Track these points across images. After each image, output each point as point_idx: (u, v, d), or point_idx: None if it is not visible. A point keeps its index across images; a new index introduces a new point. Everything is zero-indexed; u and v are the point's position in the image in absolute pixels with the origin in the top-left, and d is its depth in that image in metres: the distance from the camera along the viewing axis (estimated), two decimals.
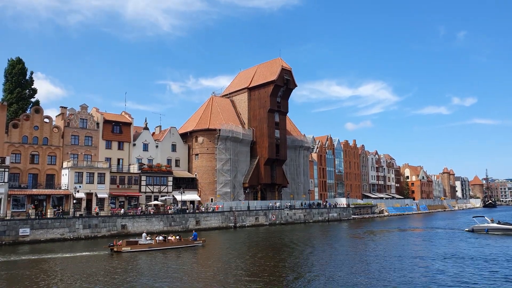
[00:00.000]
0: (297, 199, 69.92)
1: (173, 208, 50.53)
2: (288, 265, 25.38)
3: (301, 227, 55.59)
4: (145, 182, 53.01)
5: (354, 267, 24.31)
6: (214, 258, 28.28)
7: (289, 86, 66.28)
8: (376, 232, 48.14)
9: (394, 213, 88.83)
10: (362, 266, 24.85)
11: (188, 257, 28.62)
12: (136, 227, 43.68)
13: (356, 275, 21.96)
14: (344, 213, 71.69)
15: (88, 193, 46.64)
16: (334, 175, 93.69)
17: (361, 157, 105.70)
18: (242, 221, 54.34)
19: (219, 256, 28.83)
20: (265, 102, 65.17)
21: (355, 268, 23.96)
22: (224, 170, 60.32)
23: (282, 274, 22.21)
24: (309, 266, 24.85)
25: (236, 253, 29.94)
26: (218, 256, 29.07)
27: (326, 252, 31.02)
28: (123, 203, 50.48)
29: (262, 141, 64.72)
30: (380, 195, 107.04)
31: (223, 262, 26.21)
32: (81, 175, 46.58)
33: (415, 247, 34.13)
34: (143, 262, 26.21)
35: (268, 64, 68.96)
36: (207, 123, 62.55)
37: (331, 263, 25.72)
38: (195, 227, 48.34)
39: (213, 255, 29.72)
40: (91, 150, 51.76)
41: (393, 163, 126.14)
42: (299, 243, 36.61)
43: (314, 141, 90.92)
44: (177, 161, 61.28)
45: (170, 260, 27.02)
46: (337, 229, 54.49)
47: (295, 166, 72.61)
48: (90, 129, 51.98)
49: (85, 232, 40.02)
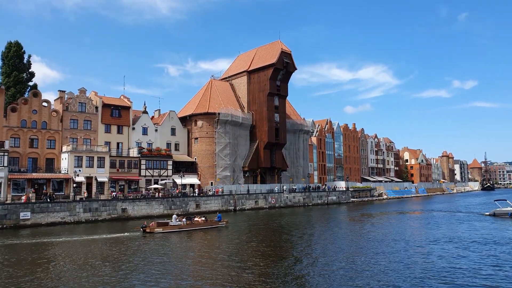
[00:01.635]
0: (297, 182, 70.18)
1: (171, 191, 50.71)
2: (298, 249, 25.49)
3: (300, 210, 55.96)
4: (144, 166, 53.09)
5: (353, 251, 24.37)
6: (239, 238, 29.88)
7: (288, 69, 65.67)
8: (375, 215, 48.39)
9: (393, 196, 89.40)
10: (361, 249, 24.92)
11: (216, 237, 30.17)
12: (137, 211, 43.96)
13: (356, 259, 21.98)
14: (343, 196, 72.10)
15: (88, 177, 46.70)
16: (333, 158, 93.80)
17: (360, 141, 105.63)
18: (242, 205, 54.66)
19: (243, 237, 30.53)
20: (264, 86, 64.68)
21: (354, 253, 24.00)
22: (223, 154, 60.33)
23: (287, 256, 22.36)
24: (307, 251, 24.88)
25: (253, 234, 31.08)
26: (242, 236, 30.76)
27: (324, 235, 31.15)
28: (123, 187, 50.67)
29: (262, 125, 64.52)
30: (379, 178, 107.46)
31: (247, 243, 27.65)
32: (81, 159, 46.55)
33: (429, 230, 34.06)
34: (178, 242, 27.88)
35: (268, 47, 68.15)
36: (206, 106, 62.22)
37: (330, 248, 25.77)
38: (195, 210, 48.61)
39: (237, 235, 31.16)
40: (90, 134, 51.60)
41: (392, 147, 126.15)
42: (299, 226, 36.83)
43: (314, 125, 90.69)
44: (177, 145, 61.25)
45: (204, 240, 28.62)
46: (336, 212, 54.82)
47: (294, 150, 72.61)
48: (89, 113, 51.69)
49: (85, 216, 40.26)
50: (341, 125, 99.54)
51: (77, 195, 43.87)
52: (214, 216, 38.02)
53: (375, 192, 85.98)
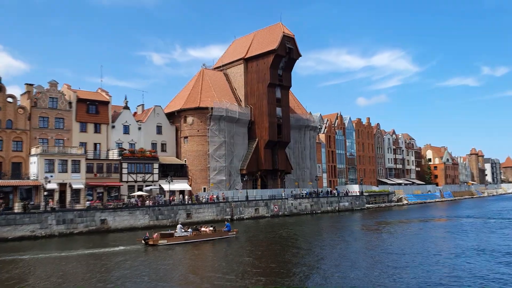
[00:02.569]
0: (303, 186, 70.34)
1: (157, 199, 50.73)
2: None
3: (307, 219, 56.08)
4: (126, 170, 53.08)
5: (368, 267, 24.41)
6: (253, 251, 30.38)
7: (292, 56, 65.70)
8: (394, 224, 48.57)
9: (414, 201, 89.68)
10: (377, 265, 24.97)
11: (227, 249, 30.89)
12: (118, 222, 44.04)
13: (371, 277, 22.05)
14: (356, 202, 72.35)
15: (61, 184, 46.70)
16: (345, 158, 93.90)
17: (375, 138, 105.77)
18: (240, 213, 54.78)
19: (256, 249, 31.16)
20: (264, 75, 64.76)
21: (369, 269, 24.05)
22: (218, 155, 60.38)
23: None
24: (316, 267, 24.98)
25: (265, 245, 31.86)
26: (255, 249, 31.41)
27: (336, 248, 31.23)
28: (101, 195, 50.64)
29: (262, 121, 64.61)
30: (398, 180, 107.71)
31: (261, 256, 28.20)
32: (53, 163, 46.52)
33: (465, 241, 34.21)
34: (188, 256, 29.01)
35: (268, 30, 68.20)
36: (197, 100, 62.25)
37: (342, 262, 25.82)
38: (186, 220, 48.67)
39: (250, 247, 31.76)
40: (63, 133, 51.55)
41: (413, 144, 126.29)
42: (306, 237, 36.90)
43: (322, 120, 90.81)
44: (163, 145, 61.27)
45: (214, 254, 29.54)
46: (349, 220, 54.94)
47: (300, 149, 72.74)
48: (61, 109, 51.61)
49: (59, 229, 40.28)
50: (353, 120, 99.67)
51: (49, 204, 43.83)
52: (223, 226, 38.87)
53: (393, 196, 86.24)
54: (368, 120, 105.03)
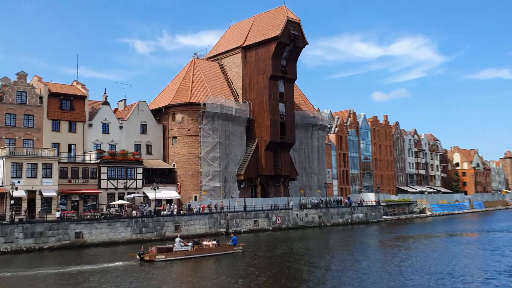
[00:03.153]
0: (310, 195, 70.11)
1: (141, 208, 50.57)
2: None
3: (315, 233, 55.79)
4: (106, 175, 52.97)
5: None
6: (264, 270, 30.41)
7: (297, 44, 65.63)
8: (415, 239, 48.20)
9: (439, 212, 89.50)
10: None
11: (233, 267, 31.12)
12: (95, 236, 43.84)
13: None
14: (372, 213, 72.10)
15: (30, 191, 46.51)
16: (358, 162, 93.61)
17: (394, 139, 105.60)
18: (237, 226, 54.46)
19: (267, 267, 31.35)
20: (265, 66, 64.64)
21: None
22: (211, 158, 60.23)
23: None
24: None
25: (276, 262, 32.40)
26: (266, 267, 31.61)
27: (346, 268, 30.93)
28: (77, 204, 50.53)
29: (262, 119, 64.44)
30: (420, 188, 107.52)
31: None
32: (20, 166, 46.32)
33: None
34: (188, 273, 29.40)
35: (269, 14, 68.17)
36: (188, 95, 62.18)
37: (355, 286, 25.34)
38: (174, 233, 48.29)
39: (258, 264, 32.00)
40: (33, 133, 51.39)
41: (437, 146, 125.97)
42: (312, 254, 36.44)
43: (332, 118, 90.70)
44: (149, 146, 61.17)
45: (218, 273, 29.42)
46: (363, 234, 54.58)
47: (306, 152, 72.58)
48: (30, 105, 51.52)
49: (26, 243, 40.09)
50: (368, 118, 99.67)
51: (16, 215, 43.60)
52: (228, 239, 39.03)
53: (415, 207, 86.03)
54: (385, 118, 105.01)
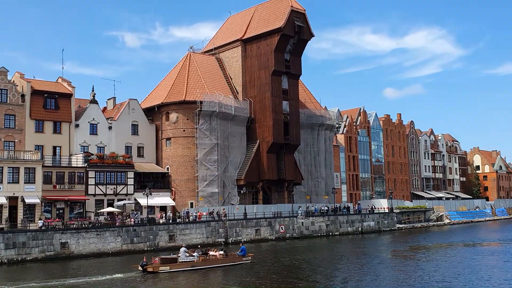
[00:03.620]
0: (317, 201, 70.48)
1: (133, 216, 51.01)
2: None
3: (322, 243, 56.22)
4: (94, 181, 53.30)
5: None
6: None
7: (302, 36, 66.03)
8: (432, 249, 48.45)
9: (458, 220, 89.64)
10: None
11: (242, 279, 31.59)
12: (82, 246, 44.28)
13: None
14: (385, 221, 72.41)
15: (11, 197, 46.97)
16: (370, 165, 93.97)
17: (409, 139, 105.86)
18: (237, 235, 54.96)
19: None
20: (267, 61, 65.06)
21: None
22: (209, 161, 60.68)
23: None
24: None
25: None
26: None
27: (355, 283, 31.26)
28: (62, 212, 50.85)
29: (264, 118, 64.89)
30: (437, 194, 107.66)
31: None
32: (1, 171, 46.72)
33: None
34: (195, 286, 30.42)
35: (271, 4, 68.54)
36: (183, 92, 62.59)
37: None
38: (168, 244, 48.89)
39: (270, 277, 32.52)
40: (14, 134, 51.82)
41: (456, 148, 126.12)
42: (317, 265, 36.99)
43: (340, 117, 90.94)
44: (140, 148, 61.60)
45: (225, 283, 30.45)
46: (375, 244, 54.89)
47: (312, 154, 72.96)
48: (12, 103, 51.92)
49: (8, 254, 40.50)
50: (380, 117, 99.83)
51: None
52: (236, 249, 39.76)
53: (432, 214, 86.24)
54: (399, 117, 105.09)
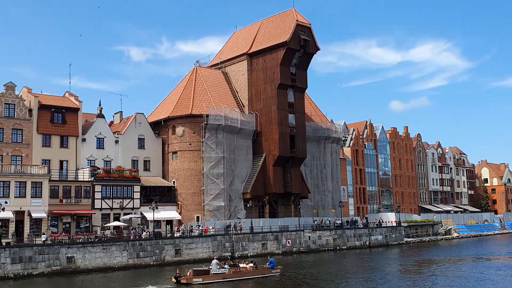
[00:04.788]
0: (323, 215, 70.15)
1: (138, 230, 50.94)
2: None
3: (329, 257, 55.85)
4: (100, 195, 53.44)
5: None
6: None
7: (307, 49, 66.28)
8: (440, 263, 48.03)
9: (467, 233, 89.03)
10: None
11: None
12: (89, 261, 44.12)
13: None
14: (392, 235, 71.96)
15: (18, 212, 47.11)
16: (377, 179, 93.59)
17: (416, 152, 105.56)
18: (243, 249, 54.70)
19: None
20: (273, 74, 65.25)
21: None
22: (215, 175, 60.65)
23: None
24: None
25: None
26: None
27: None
28: (69, 226, 50.89)
29: (270, 131, 64.92)
30: (445, 207, 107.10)
31: None
32: (8, 185, 46.96)
33: None
34: None
35: (277, 18, 68.95)
36: (189, 106, 62.80)
37: None
38: (174, 258, 48.69)
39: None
40: (22, 148, 52.09)
41: (464, 160, 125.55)
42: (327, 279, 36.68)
43: (347, 130, 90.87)
44: (147, 162, 61.72)
45: None
46: (383, 258, 54.48)
47: (319, 167, 72.80)
48: (19, 118, 52.28)
49: (14, 269, 40.38)
50: (386, 130, 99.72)
51: (3, 238, 44.11)
52: (265, 261, 40.75)
53: (440, 228, 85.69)
54: (406, 129, 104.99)
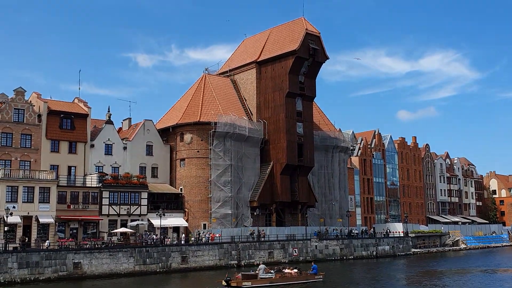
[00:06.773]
0: (330, 224, 69.91)
1: (146, 237, 50.85)
2: None
3: (335, 267, 55.55)
4: (108, 201, 53.50)
5: None
6: None
7: (316, 58, 66.33)
8: (447, 274, 47.71)
9: (474, 245, 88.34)
10: None
11: None
12: (95, 266, 44.15)
13: None
14: (400, 245, 71.57)
15: (25, 217, 47.16)
16: (384, 189, 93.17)
17: (424, 162, 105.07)
18: (250, 258, 54.54)
19: None
20: (281, 83, 65.31)
21: None
22: (222, 183, 60.63)
23: None
24: None
25: None
26: None
27: None
28: (76, 231, 50.93)
29: (278, 140, 64.87)
30: (453, 218, 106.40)
31: None
32: (16, 190, 47.02)
33: None
34: None
35: (286, 27, 69.15)
36: (197, 113, 62.92)
37: None
38: (181, 265, 48.62)
39: None
40: (30, 154, 52.24)
41: (472, 171, 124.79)
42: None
43: (355, 139, 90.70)
44: (154, 169, 61.77)
45: None
46: (390, 269, 54.12)
47: (326, 176, 72.62)
48: (28, 123, 52.51)
49: (21, 274, 40.45)
50: (395, 140, 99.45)
51: (10, 243, 44.20)
52: (309, 267, 42.12)
53: (447, 239, 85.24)
54: (414, 140, 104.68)
